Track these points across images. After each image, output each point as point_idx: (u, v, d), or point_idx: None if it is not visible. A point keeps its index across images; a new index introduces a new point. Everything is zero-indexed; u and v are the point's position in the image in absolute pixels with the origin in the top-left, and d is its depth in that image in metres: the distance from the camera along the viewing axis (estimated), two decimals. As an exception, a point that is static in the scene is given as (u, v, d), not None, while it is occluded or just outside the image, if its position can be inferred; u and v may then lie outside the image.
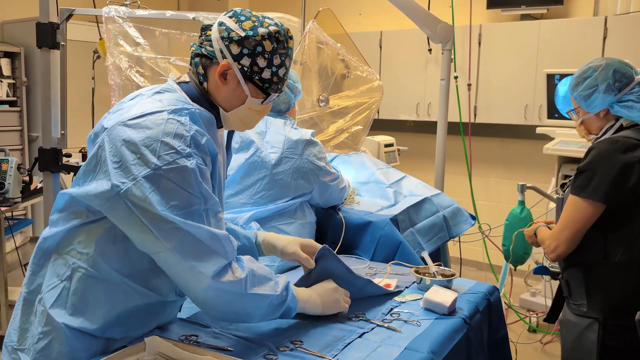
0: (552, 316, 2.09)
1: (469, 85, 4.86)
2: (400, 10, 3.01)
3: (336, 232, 2.29)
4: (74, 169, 2.79)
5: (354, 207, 2.41)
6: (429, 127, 5.28)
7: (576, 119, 1.95)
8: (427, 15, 3.09)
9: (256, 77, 1.37)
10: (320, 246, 1.62)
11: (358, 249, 2.24)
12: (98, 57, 3.92)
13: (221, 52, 1.36)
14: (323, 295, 1.52)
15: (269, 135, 2.21)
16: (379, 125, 4.97)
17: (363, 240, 2.23)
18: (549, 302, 3.52)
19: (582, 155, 3.52)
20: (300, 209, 2.21)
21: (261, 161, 2.15)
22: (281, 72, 1.40)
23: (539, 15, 4.75)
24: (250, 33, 1.34)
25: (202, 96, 1.41)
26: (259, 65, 1.36)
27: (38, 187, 3.60)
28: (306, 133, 2.25)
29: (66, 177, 3.00)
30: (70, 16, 2.61)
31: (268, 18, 1.40)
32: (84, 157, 2.92)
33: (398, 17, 4.72)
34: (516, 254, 2.44)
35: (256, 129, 2.21)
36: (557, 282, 2.33)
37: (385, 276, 1.91)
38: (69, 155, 2.87)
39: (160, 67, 2.64)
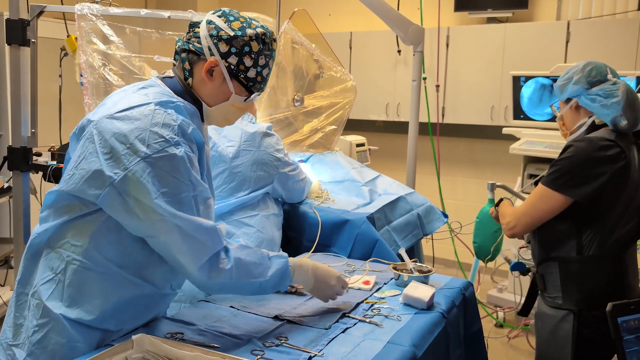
0: (525, 309, 2.16)
1: (437, 86, 4.95)
2: (373, 12, 3.05)
3: (313, 230, 2.31)
4: (44, 168, 2.74)
5: (330, 206, 2.44)
6: (398, 128, 5.35)
7: (556, 113, 2.04)
8: (399, 17, 3.15)
9: (242, 76, 1.43)
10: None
11: (335, 246, 2.27)
12: (65, 54, 3.85)
13: (209, 49, 1.40)
14: (319, 278, 1.57)
15: (226, 130, 2.25)
16: (349, 125, 4.98)
17: (340, 238, 2.26)
18: (517, 298, 3.63)
19: (547, 155, 3.67)
20: (262, 201, 2.25)
21: (219, 155, 2.18)
22: (265, 72, 1.46)
23: (504, 18, 4.87)
24: (239, 33, 1.40)
25: (185, 91, 1.46)
26: (245, 65, 1.42)
27: (4, 187, 3.51)
28: (262, 126, 2.30)
29: (35, 177, 2.95)
30: (41, 13, 2.57)
31: (255, 20, 1.46)
32: (53, 156, 2.86)
33: (368, 18, 4.78)
34: (487, 250, 2.51)
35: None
36: (526, 278, 2.40)
37: (364, 273, 1.94)
38: (38, 155, 2.81)
39: (134, 66, 2.61)
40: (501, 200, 2.18)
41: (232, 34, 1.39)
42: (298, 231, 2.37)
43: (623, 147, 1.82)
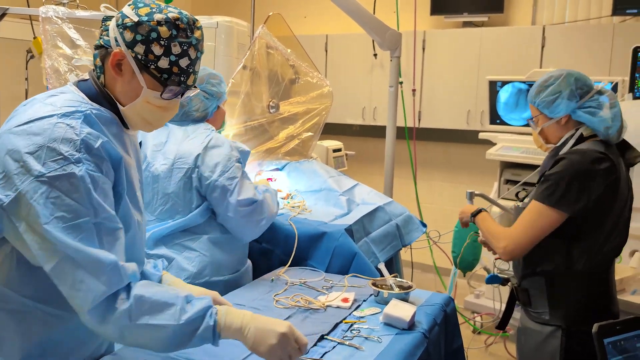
0: (503, 323, 2.11)
1: (414, 90, 4.92)
2: (350, 17, 3.00)
3: (289, 243, 2.24)
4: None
5: (307, 217, 2.38)
6: (374, 132, 5.31)
7: (534, 128, 1.96)
8: (376, 22, 3.10)
9: (152, 67, 1.24)
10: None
11: (312, 260, 2.21)
12: (32, 56, 3.71)
13: (115, 40, 1.24)
14: (258, 338, 1.23)
15: (167, 146, 2.02)
16: (324, 129, 4.95)
17: (317, 251, 2.20)
18: (495, 305, 3.61)
19: (523, 160, 3.66)
20: (207, 223, 2.00)
21: (151, 176, 1.99)
22: (183, 62, 1.26)
23: (480, 22, 4.87)
24: (145, 19, 1.22)
25: (100, 93, 1.28)
26: (154, 53, 1.23)
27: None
28: (204, 139, 1.99)
29: None
30: (3, 15, 2.46)
31: (173, 8, 1.28)
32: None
33: (344, 21, 4.72)
34: (465, 260, 2.46)
35: (155, 140, 2.03)
36: (505, 287, 2.36)
37: (343, 290, 1.88)
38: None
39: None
40: (479, 211, 2.07)
41: (136, 19, 1.21)
42: (273, 244, 2.30)
43: (613, 160, 1.78)
